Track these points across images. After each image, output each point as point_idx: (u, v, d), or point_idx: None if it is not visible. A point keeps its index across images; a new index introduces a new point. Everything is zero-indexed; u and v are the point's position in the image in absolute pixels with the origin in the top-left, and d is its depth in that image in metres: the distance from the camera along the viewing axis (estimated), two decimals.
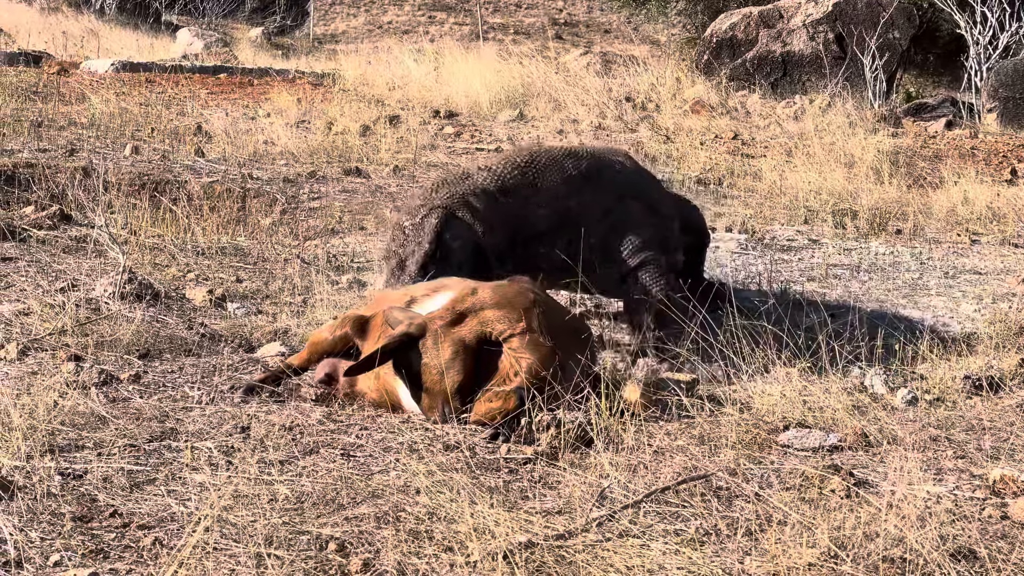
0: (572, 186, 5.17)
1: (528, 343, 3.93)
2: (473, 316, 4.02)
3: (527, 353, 3.91)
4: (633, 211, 5.29)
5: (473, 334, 3.97)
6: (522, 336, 3.95)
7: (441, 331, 3.98)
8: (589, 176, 5.26)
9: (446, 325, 4.00)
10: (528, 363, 3.89)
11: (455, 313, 4.04)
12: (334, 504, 3.18)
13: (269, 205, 7.56)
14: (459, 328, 3.99)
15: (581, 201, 5.16)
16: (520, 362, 3.89)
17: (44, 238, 6.13)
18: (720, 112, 12.78)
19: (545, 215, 5.08)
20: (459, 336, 3.97)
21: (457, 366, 3.93)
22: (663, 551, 2.94)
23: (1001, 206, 8.79)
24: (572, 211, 5.12)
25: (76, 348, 4.47)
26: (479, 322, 4.00)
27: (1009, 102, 13.89)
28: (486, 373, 3.95)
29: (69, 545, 2.85)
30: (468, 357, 3.95)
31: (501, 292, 4.13)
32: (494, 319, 4.00)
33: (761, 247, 7.31)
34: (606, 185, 5.29)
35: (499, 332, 3.97)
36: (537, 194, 5.09)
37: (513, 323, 3.98)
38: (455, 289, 4.24)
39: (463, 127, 11.24)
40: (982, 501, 3.38)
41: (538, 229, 5.07)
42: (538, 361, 3.89)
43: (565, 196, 5.14)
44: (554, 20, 25.92)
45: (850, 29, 14.94)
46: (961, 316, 6.00)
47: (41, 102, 10.32)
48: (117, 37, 19.24)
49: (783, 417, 4.01)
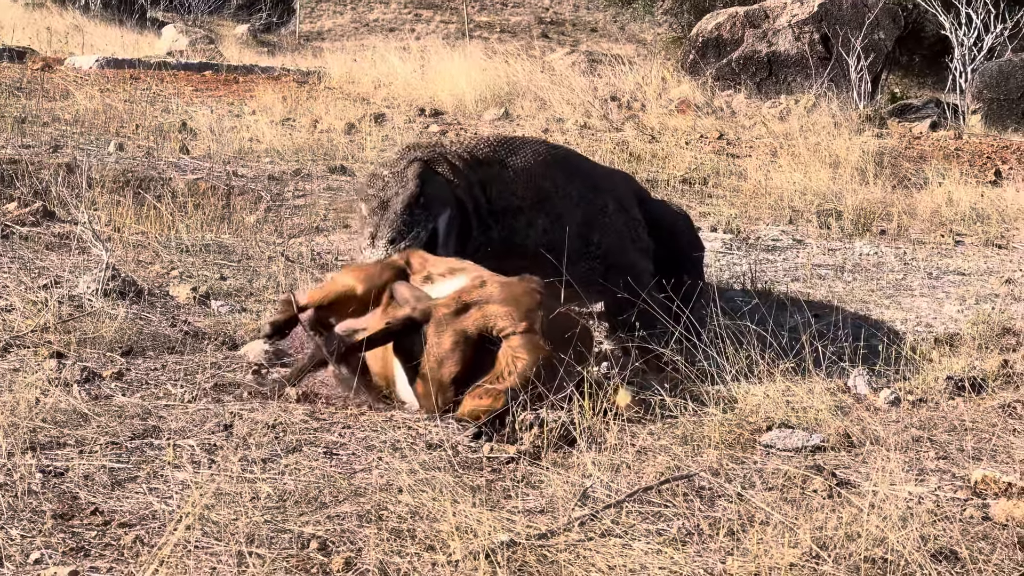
0: (545, 167, 5.18)
1: (528, 344, 3.93)
2: (478, 308, 4.02)
3: (525, 354, 3.90)
4: (608, 205, 5.28)
5: (475, 327, 3.97)
6: (523, 336, 3.95)
7: (445, 319, 3.97)
8: (560, 160, 5.28)
9: (450, 314, 3.99)
10: (524, 364, 3.88)
11: (461, 303, 4.04)
12: (316, 503, 3.18)
13: (254, 203, 7.55)
14: (463, 319, 3.99)
15: (555, 183, 5.16)
16: (516, 362, 3.89)
17: (27, 234, 6.11)
18: (706, 112, 12.80)
19: (521, 188, 5.07)
20: (461, 327, 3.96)
21: (456, 357, 3.92)
22: (645, 551, 2.94)
23: (985, 207, 8.82)
24: (546, 191, 5.11)
25: (58, 345, 4.45)
26: (483, 315, 3.99)
27: (993, 103, 13.94)
28: (482, 368, 3.95)
29: (50, 543, 2.84)
30: (468, 349, 3.94)
31: (509, 289, 4.12)
32: (498, 315, 3.99)
33: (746, 247, 7.31)
34: (579, 172, 5.30)
35: (501, 328, 3.97)
36: (508, 168, 5.10)
37: (516, 321, 3.97)
38: (469, 276, 4.24)
39: (448, 125, 11.23)
40: (964, 502, 3.38)
41: (514, 203, 5.06)
42: (534, 364, 3.89)
43: (540, 176, 5.14)
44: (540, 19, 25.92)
45: (835, 29, 14.97)
46: (944, 317, 6.02)
47: (25, 98, 10.28)
48: (102, 33, 19.18)
49: (766, 417, 4.02)
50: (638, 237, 5.40)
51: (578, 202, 5.20)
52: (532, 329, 3.96)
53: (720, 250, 7.16)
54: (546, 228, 5.10)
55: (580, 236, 5.14)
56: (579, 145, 10.14)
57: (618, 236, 5.27)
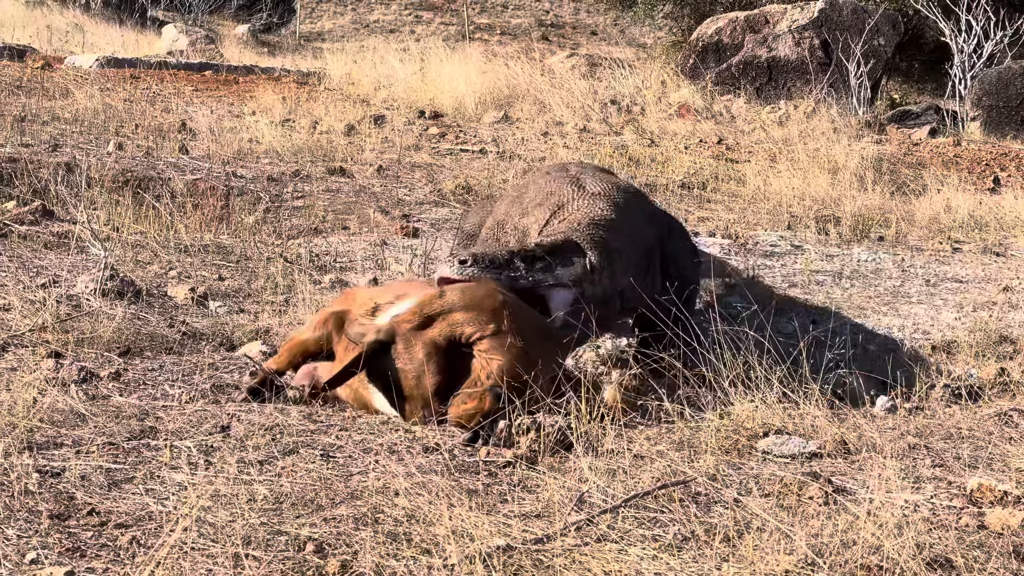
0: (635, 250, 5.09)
1: (498, 345, 3.93)
2: (442, 319, 4.00)
3: (497, 355, 3.90)
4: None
5: (443, 336, 3.96)
6: (492, 338, 3.94)
7: (410, 334, 3.96)
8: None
9: (414, 328, 3.98)
10: (499, 364, 3.88)
11: (423, 316, 4.02)
12: (313, 505, 3.18)
13: (252, 203, 7.55)
14: (428, 331, 3.98)
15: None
16: (491, 363, 3.89)
17: (25, 233, 6.11)
18: (705, 116, 12.81)
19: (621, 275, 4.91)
20: (429, 338, 3.95)
21: (432, 367, 3.91)
22: (641, 556, 2.94)
23: (983, 214, 8.82)
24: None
25: (56, 345, 4.45)
26: (448, 325, 3.98)
27: (992, 110, 13.95)
28: (459, 376, 3.95)
29: (46, 543, 2.84)
30: (441, 359, 3.93)
31: (469, 294, 4.11)
32: (463, 321, 3.98)
33: (744, 252, 7.32)
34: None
35: (469, 335, 3.96)
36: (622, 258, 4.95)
37: (483, 325, 3.97)
38: (418, 294, 4.22)
39: (448, 128, 11.24)
40: (959, 510, 3.39)
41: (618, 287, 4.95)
42: (509, 362, 3.89)
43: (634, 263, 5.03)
44: (540, 21, 25.94)
45: (835, 35, 14.98)
46: (942, 324, 6.02)
47: (25, 96, 10.29)
48: (102, 32, 19.19)
49: (763, 423, 4.01)
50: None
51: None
52: (500, 330, 3.96)
53: (718, 255, 7.16)
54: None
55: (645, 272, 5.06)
56: (578, 149, 10.15)
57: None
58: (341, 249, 6.73)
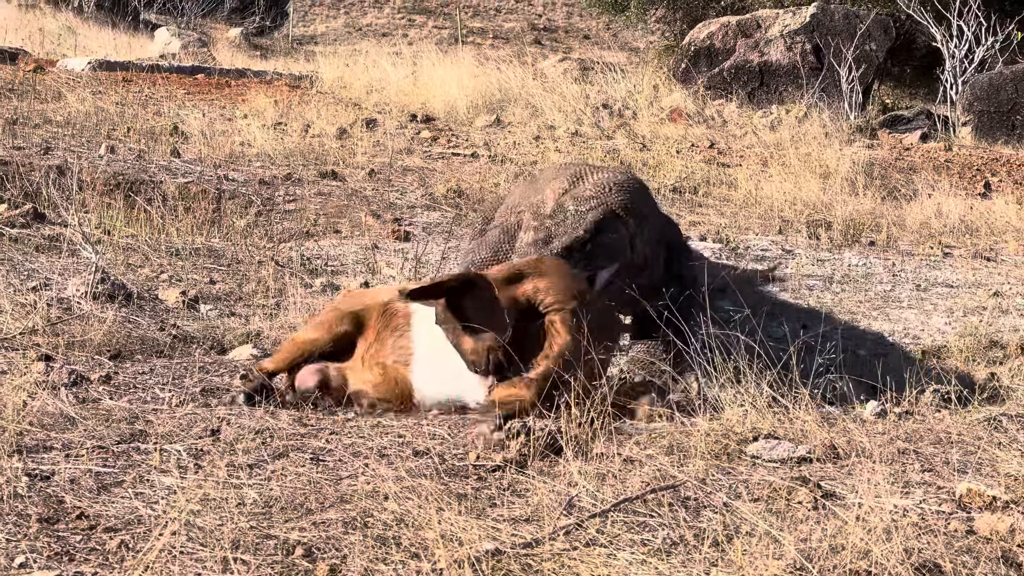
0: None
1: (568, 325, 3.95)
2: (531, 280, 4.04)
3: (564, 333, 3.93)
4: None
5: (525, 296, 4.00)
6: (567, 313, 3.97)
7: (497, 284, 4.00)
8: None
9: (502, 280, 4.02)
10: (560, 346, 3.92)
11: (515, 271, 4.07)
12: (302, 509, 3.18)
13: (244, 207, 7.55)
14: (515, 286, 4.01)
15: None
16: (554, 343, 3.92)
17: (17, 236, 6.10)
18: (697, 120, 12.82)
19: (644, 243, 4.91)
20: (512, 294, 3.99)
21: (508, 320, 3.93)
22: (630, 560, 2.94)
23: (974, 219, 8.84)
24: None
25: (47, 348, 4.45)
26: (534, 287, 4.02)
27: (984, 116, 13.97)
28: (530, 344, 3.98)
29: (35, 547, 2.84)
30: (514, 315, 3.96)
31: (565, 269, 4.17)
32: (548, 288, 4.02)
33: (735, 256, 7.33)
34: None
35: (548, 304, 3.99)
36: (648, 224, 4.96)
37: (565, 300, 4.00)
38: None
39: (440, 131, 11.24)
40: (948, 515, 3.39)
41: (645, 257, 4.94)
42: (574, 343, 3.91)
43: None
44: (533, 25, 25.94)
45: (827, 40, 15.00)
46: (932, 329, 6.03)
47: (17, 99, 10.27)
48: (95, 35, 19.16)
49: (752, 428, 4.02)
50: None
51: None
52: (576, 311, 3.98)
53: (709, 259, 7.17)
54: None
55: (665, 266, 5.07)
56: (570, 153, 10.15)
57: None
58: (332, 253, 6.73)
